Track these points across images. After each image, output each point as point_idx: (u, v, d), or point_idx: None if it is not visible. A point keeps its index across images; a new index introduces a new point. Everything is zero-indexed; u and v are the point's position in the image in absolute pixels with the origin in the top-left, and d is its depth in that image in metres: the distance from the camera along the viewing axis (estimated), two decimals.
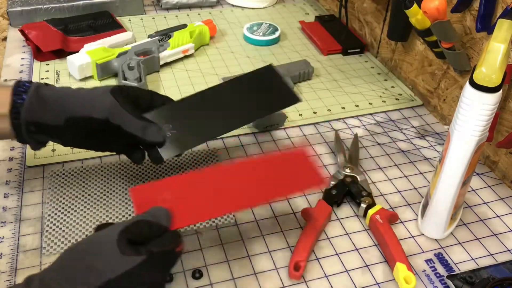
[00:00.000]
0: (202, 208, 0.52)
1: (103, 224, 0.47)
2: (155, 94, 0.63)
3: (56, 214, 0.62)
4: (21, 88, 0.56)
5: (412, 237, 0.62)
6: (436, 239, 0.62)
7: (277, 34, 1.02)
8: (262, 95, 0.66)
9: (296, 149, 0.62)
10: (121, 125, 0.57)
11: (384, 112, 0.84)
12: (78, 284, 0.42)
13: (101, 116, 0.56)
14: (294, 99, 0.66)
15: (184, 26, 0.97)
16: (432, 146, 0.77)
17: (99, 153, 0.71)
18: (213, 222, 0.62)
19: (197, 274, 0.56)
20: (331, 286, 0.56)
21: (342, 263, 0.59)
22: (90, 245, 0.45)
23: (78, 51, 0.87)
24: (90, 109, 0.56)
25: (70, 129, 0.57)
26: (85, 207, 0.63)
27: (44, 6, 1.00)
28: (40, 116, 0.56)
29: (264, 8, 1.17)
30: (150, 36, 0.94)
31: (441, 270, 0.58)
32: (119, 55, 0.87)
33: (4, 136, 0.58)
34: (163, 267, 0.46)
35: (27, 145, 0.72)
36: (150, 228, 0.46)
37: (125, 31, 0.99)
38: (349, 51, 0.99)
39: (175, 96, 0.84)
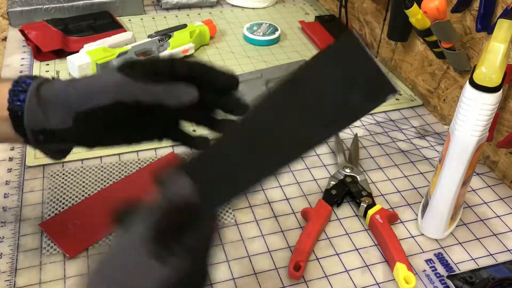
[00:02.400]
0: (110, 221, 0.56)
1: (121, 213, 0.39)
2: (181, 62, 0.47)
3: (56, 214, 0.62)
4: (19, 87, 0.46)
5: (412, 237, 0.62)
6: (436, 239, 0.62)
7: (277, 34, 1.02)
8: (338, 91, 0.39)
9: (168, 155, 0.71)
10: (137, 98, 0.44)
11: (384, 112, 0.84)
12: None
13: (110, 100, 0.44)
14: (388, 90, 0.39)
15: (184, 26, 0.97)
16: (432, 146, 0.77)
17: (99, 153, 0.71)
18: None
19: None
20: (331, 286, 0.56)
21: (342, 263, 0.59)
22: (116, 260, 0.37)
23: (78, 51, 0.87)
24: (96, 97, 0.45)
25: (83, 127, 0.46)
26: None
27: (44, 6, 1.00)
28: (45, 122, 0.45)
29: (264, 8, 1.17)
30: (150, 36, 0.94)
31: (441, 270, 0.58)
32: (119, 55, 0.87)
33: (15, 140, 0.48)
34: (203, 258, 0.38)
35: (27, 145, 0.72)
36: (181, 216, 0.37)
37: (125, 31, 0.99)
38: None
39: None
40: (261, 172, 0.39)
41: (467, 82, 0.52)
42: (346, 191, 0.66)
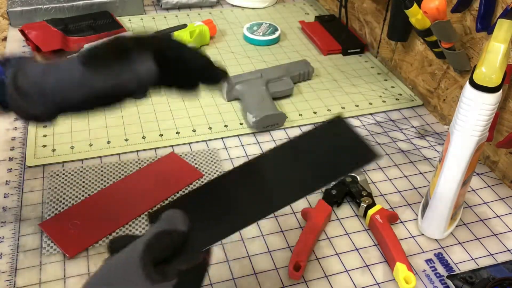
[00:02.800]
0: (109, 221, 0.60)
1: (116, 239, 0.41)
2: (137, 39, 0.48)
3: (56, 214, 0.62)
4: None
5: (412, 237, 0.62)
6: (436, 239, 0.62)
7: (277, 34, 1.02)
8: (325, 156, 0.46)
9: (168, 154, 0.71)
10: (103, 89, 0.46)
11: (384, 112, 0.84)
12: None
13: (80, 96, 0.46)
14: (370, 156, 0.45)
15: (184, 26, 0.97)
16: (432, 146, 0.77)
17: (99, 153, 0.71)
18: None
19: None
20: (331, 286, 0.56)
21: (342, 263, 0.59)
22: (112, 278, 0.38)
23: (78, 51, 0.87)
24: (67, 93, 0.46)
25: (60, 112, 0.48)
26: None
27: (44, 6, 1.00)
28: (28, 109, 0.47)
29: (264, 8, 1.17)
30: None
31: (441, 270, 0.58)
32: None
33: None
34: (196, 284, 0.41)
35: (27, 145, 0.72)
36: (170, 239, 0.39)
37: (125, 31, 0.99)
38: (349, 51, 0.99)
39: (175, 95, 0.84)
40: (252, 217, 0.43)
41: (467, 82, 0.52)
42: (346, 191, 0.66)
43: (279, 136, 0.77)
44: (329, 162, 0.45)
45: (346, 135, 0.46)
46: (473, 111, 0.52)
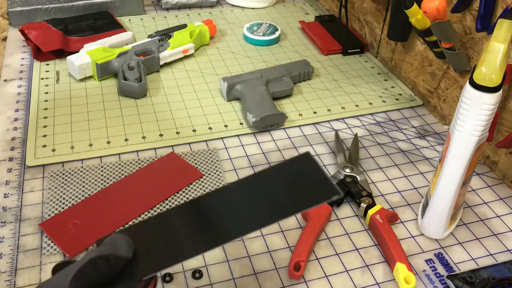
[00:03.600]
0: (109, 221, 0.60)
1: (59, 264, 0.40)
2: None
3: (56, 214, 0.62)
4: None
5: (412, 237, 0.62)
6: (436, 239, 0.62)
7: (277, 34, 1.02)
8: (286, 192, 0.47)
9: (168, 154, 0.72)
10: None
11: (384, 112, 0.84)
12: None
13: None
14: (331, 193, 0.45)
15: (184, 26, 0.97)
16: (432, 146, 0.77)
17: (99, 153, 0.71)
18: None
19: (197, 274, 0.56)
20: (331, 286, 0.56)
21: (342, 263, 0.59)
22: None
23: (78, 51, 0.87)
24: None
25: None
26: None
27: (44, 6, 1.00)
28: None
29: (264, 8, 1.17)
30: (150, 36, 0.94)
31: (441, 270, 0.58)
32: (119, 55, 0.87)
33: None
34: None
35: (27, 145, 0.72)
36: (108, 264, 0.38)
37: (125, 31, 0.99)
38: (349, 51, 0.99)
39: (176, 96, 0.85)
40: (198, 250, 0.42)
41: (467, 82, 0.52)
42: (346, 191, 0.66)
43: (279, 136, 0.77)
44: (290, 198, 0.45)
45: (311, 172, 0.46)
46: (473, 111, 0.52)
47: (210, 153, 0.73)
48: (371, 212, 0.62)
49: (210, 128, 0.78)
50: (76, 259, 0.40)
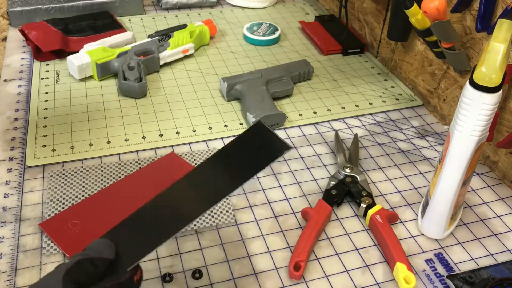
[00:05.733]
0: (109, 221, 0.57)
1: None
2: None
3: (56, 214, 0.62)
4: None
5: (412, 237, 0.62)
6: (436, 239, 0.62)
7: (277, 34, 1.02)
8: (246, 158, 0.51)
9: (168, 154, 0.72)
10: None
11: (384, 112, 0.84)
12: None
13: None
14: (282, 148, 0.50)
15: (184, 26, 0.97)
16: (432, 146, 0.77)
17: (99, 153, 0.71)
18: (213, 222, 0.62)
19: (197, 274, 0.56)
20: (331, 286, 0.56)
21: (342, 263, 0.59)
22: None
23: (78, 51, 0.87)
24: None
25: None
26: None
27: (44, 6, 1.00)
28: None
29: (264, 8, 1.17)
30: (150, 36, 0.94)
31: (441, 270, 0.58)
32: (119, 55, 0.87)
33: None
34: None
35: (27, 145, 0.72)
36: (93, 265, 0.42)
37: (125, 31, 0.99)
38: (349, 51, 0.99)
39: (176, 96, 0.85)
40: (171, 231, 0.46)
41: (467, 82, 0.52)
42: (346, 191, 0.66)
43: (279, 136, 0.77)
44: (250, 163, 0.50)
45: (264, 136, 0.51)
46: (473, 111, 0.52)
47: (210, 153, 0.73)
48: (371, 212, 0.62)
49: (210, 128, 0.78)
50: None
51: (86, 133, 0.75)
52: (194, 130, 0.77)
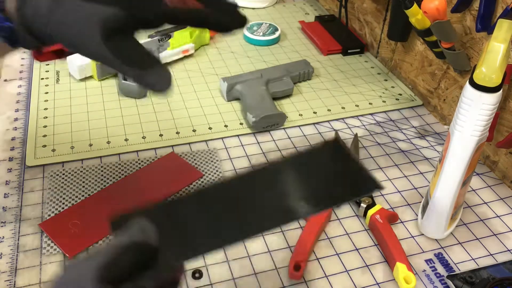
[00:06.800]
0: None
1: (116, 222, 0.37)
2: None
3: (56, 214, 0.62)
4: None
5: (412, 237, 0.62)
6: (436, 239, 0.62)
7: (277, 34, 1.02)
8: (319, 182, 0.42)
9: (168, 154, 0.71)
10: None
11: (384, 112, 0.84)
12: None
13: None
14: (371, 186, 0.41)
15: (184, 26, 0.97)
16: (432, 146, 0.77)
17: (99, 153, 0.71)
18: None
19: (197, 274, 0.56)
20: (331, 286, 0.56)
21: (342, 263, 0.59)
22: None
23: None
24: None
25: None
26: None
27: None
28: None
29: (264, 8, 1.17)
30: (150, 36, 0.93)
31: (441, 270, 0.58)
32: None
33: None
34: None
35: (27, 145, 0.72)
36: (138, 255, 0.33)
37: None
38: (349, 51, 0.99)
39: (176, 96, 0.85)
40: (229, 239, 0.39)
41: (467, 82, 0.52)
42: None
43: (279, 136, 0.77)
44: (323, 189, 0.41)
45: (343, 160, 0.42)
46: (473, 111, 0.52)
47: (210, 153, 0.73)
48: (371, 212, 0.62)
49: (210, 128, 0.78)
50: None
51: (86, 133, 0.75)
52: (194, 130, 0.77)
